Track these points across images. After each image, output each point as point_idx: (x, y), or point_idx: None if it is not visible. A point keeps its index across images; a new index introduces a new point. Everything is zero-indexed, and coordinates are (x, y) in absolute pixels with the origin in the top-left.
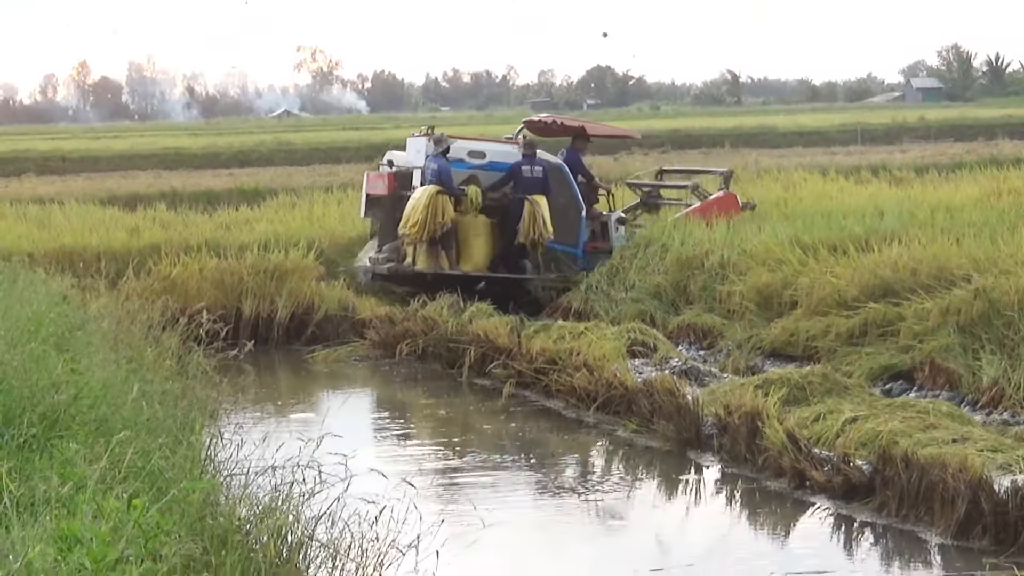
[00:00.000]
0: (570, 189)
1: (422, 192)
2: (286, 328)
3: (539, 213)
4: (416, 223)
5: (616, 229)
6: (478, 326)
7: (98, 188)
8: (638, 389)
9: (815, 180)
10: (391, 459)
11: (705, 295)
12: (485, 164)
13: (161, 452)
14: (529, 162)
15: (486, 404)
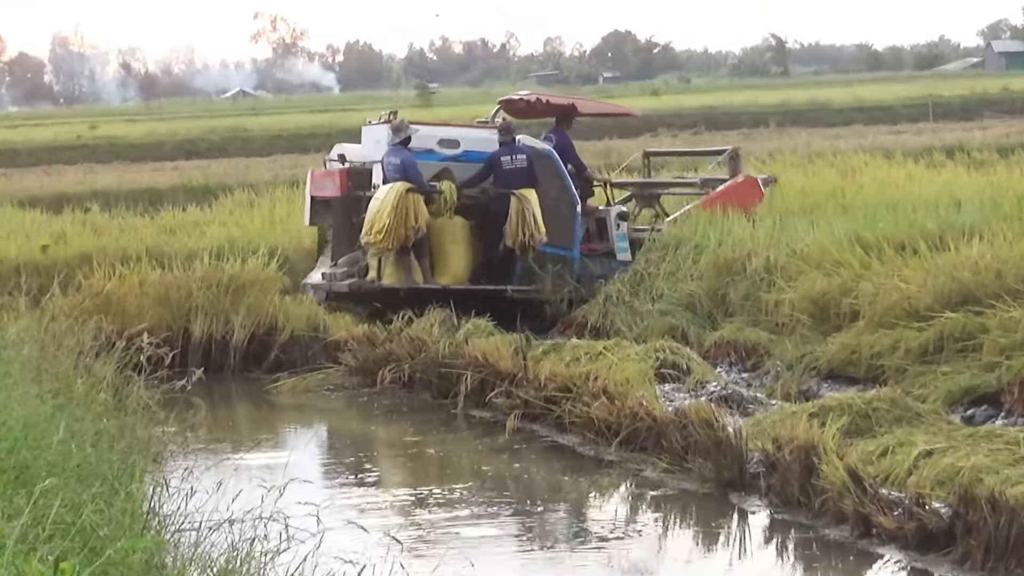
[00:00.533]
0: (561, 180)
1: (388, 191)
2: (244, 353)
3: (528, 210)
4: (383, 229)
5: (617, 226)
6: (475, 347)
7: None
8: (669, 420)
9: (878, 165)
10: (372, 509)
11: (748, 305)
12: (459, 155)
13: (95, 504)
14: (509, 150)
15: (486, 441)
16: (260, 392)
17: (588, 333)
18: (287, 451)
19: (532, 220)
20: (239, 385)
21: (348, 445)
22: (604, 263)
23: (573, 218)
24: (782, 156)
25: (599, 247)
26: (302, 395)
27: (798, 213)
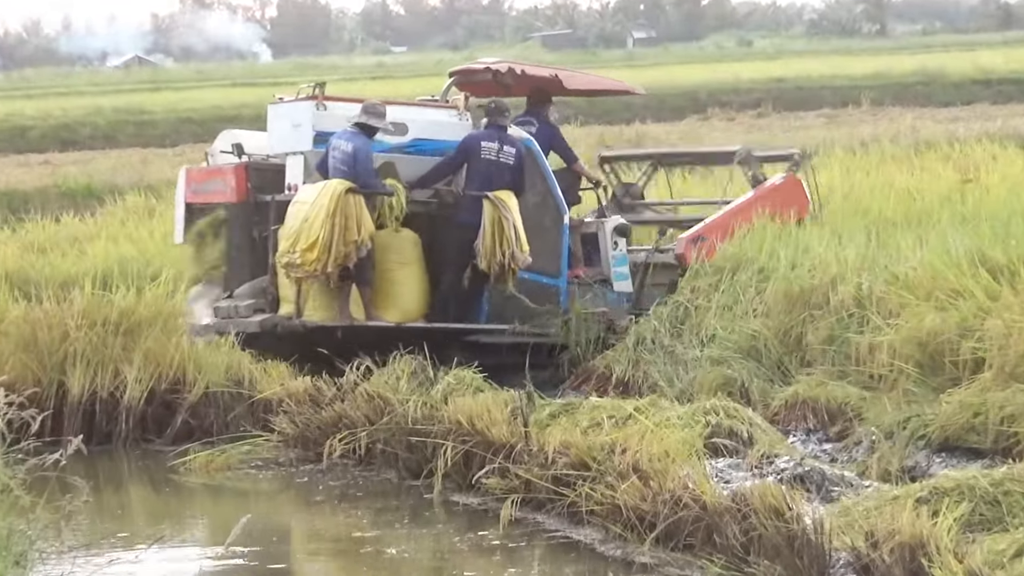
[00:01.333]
0: (544, 181)
1: (320, 193)
2: (141, 416)
3: (509, 219)
4: (314, 245)
5: (614, 245)
6: (458, 409)
7: None
8: (724, 508)
9: (1010, 158)
10: None
11: (832, 351)
12: (407, 144)
13: None
14: (495, 136)
15: (474, 536)
16: (162, 469)
17: (613, 389)
18: (197, 552)
19: (513, 234)
20: (134, 459)
21: (281, 544)
22: (598, 295)
23: (559, 233)
24: (879, 145)
25: (588, 273)
26: (220, 474)
27: (901, 224)
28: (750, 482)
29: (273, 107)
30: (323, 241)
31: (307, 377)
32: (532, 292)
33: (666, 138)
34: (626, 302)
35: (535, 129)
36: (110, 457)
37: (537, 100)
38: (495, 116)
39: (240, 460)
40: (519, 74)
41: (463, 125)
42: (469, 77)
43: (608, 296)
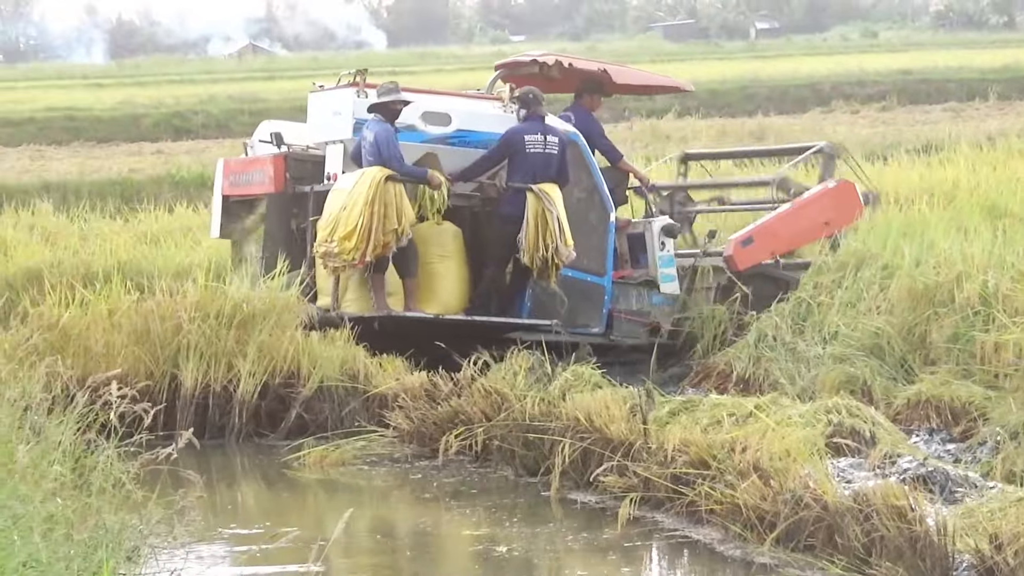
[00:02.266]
0: (590, 176)
1: (359, 180)
2: (254, 410)
3: (553, 212)
4: (352, 233)
5: (662, 246)
6: (576, 405)
7: None
8: (845, 508)
9: None
10: None
11: (957, 350)
12: (450, 135)
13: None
14: (538, 128)
15: (590, 535)
16: (275, 465)
17: (734, 386)
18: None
19: (557, 228)
20: (247, 454)
21: (397, 540)
22: (643, 295)
23: (605, 230)
24: (1006, 140)
25: (633, 274)
26: (334, 469)
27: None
28: (872, 482)
29: (314, 95)
30: (362, 229)
31: (423, 372)
32: (576, 290)
33: (788, 131)
34: (673, 304)
35: (573, 123)
36: (223, 452)
37: (581, 95)
38: (534, 106)
39: (354, 456)
40: (566, 67)
41: (507, 117)
42: (515, 70)
43: (654, 298)
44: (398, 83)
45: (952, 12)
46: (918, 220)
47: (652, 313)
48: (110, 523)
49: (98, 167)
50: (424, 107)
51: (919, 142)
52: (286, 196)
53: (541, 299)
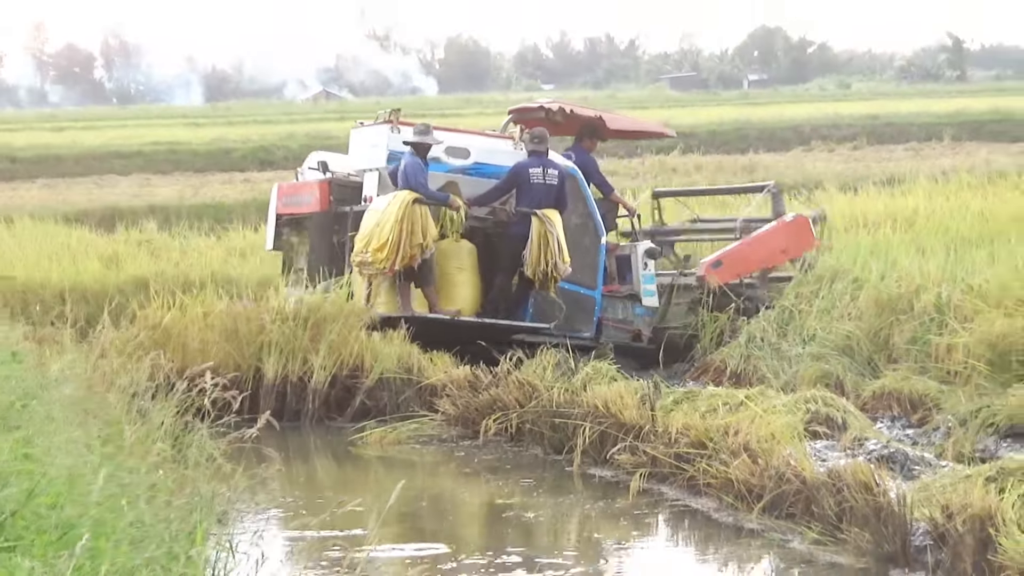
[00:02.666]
0: (586, 204)
1: (391, 201)
2: (325, 397)
3: (553, 234)
4: (384, 245)
5: (644, 265)
6: (595, 395)
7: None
8: (821, 483)
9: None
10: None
11: (915, 350)
12: (469, 167)
13: (149, 570)
14: (540, 162)
15: (606, 504)
16: (343, 443)
17: (727, 380)
18: (372, 513)
19: (557, 247)
20: (318, 435)
21: (444, 506)
22: (627, 307)
23: (597, 250)
24: (957, 175)
25: (619, 290)
26: (391, 447)
27: (976, 242)
28: (843, 461)
29: (355, 131)
30: (392, 242)
31: (467, 366)
32: (572, 300)
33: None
34: (652, 315)
35: (573, 160)
36: (298, 432)
37: (581, 137)
38: (536, 144)
39: (408, 436)
40: (568, 113)
41: (517, 153)
42: (525, 114)
43: (636, 310)
44: (430, 125)
45: (913, 67)
46: (883, 241)
47: (635, 322)
48: (203, 491)
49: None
50: (447, 142)
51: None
52: (329, 215)
53: (542, 306)
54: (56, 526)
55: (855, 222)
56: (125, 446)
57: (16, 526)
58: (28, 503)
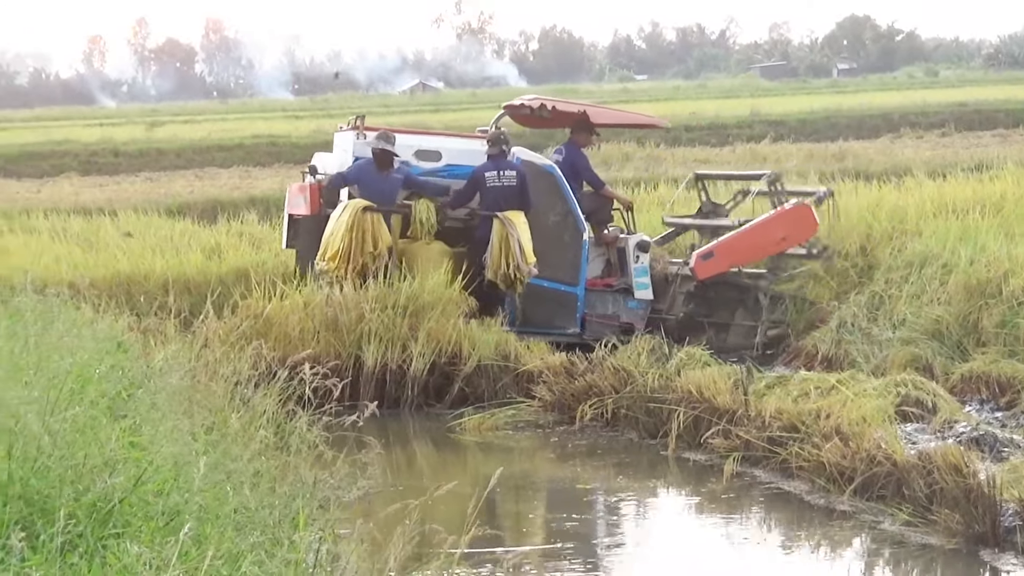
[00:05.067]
0: (564, 202)
1: (344, 210)
2: (424, 384)
3: (514, 236)
4: (336, 254)
5: (636, 258)
6: (689, 380)
7: (163, 192)
8: (911, 465)
9: None
10: (567, 565)
11: (1004, 334)
12: (440, 169)
13: (254, 555)
14: (496, 165)
15: (701, 487)
16: (442, 429)
17: (819, 364)
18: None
19: (517, 249)
20: (418, 421)
21: (541, 490)
22: (618, 301)
23: (578, 247)
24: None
25: (616, 283)
26: (489, 433)
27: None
28: (934, 444)
29: (336, 134)
30: (343, 251)
31: (563, 353)
32: (553, 298)
33: (863, 153)
34: (645, 308)
35: (562, 157)
36: (398, 419)
37: (575, 131)
38: (492, 148)
39: (506, 422)
40: (551, 109)
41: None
42: (515, 111)
43: (629, 303)
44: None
45: (1001, 54)
46: (972, 227)
47: (624, 316)
48: (306, 478)
49: None
50: (417, 145)
51: (973, 162)
52: (319, 218)
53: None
54: (163, 512)
55: (944, 208)
56: (229, 434)
57: (124, 513)
58: (135, 490)
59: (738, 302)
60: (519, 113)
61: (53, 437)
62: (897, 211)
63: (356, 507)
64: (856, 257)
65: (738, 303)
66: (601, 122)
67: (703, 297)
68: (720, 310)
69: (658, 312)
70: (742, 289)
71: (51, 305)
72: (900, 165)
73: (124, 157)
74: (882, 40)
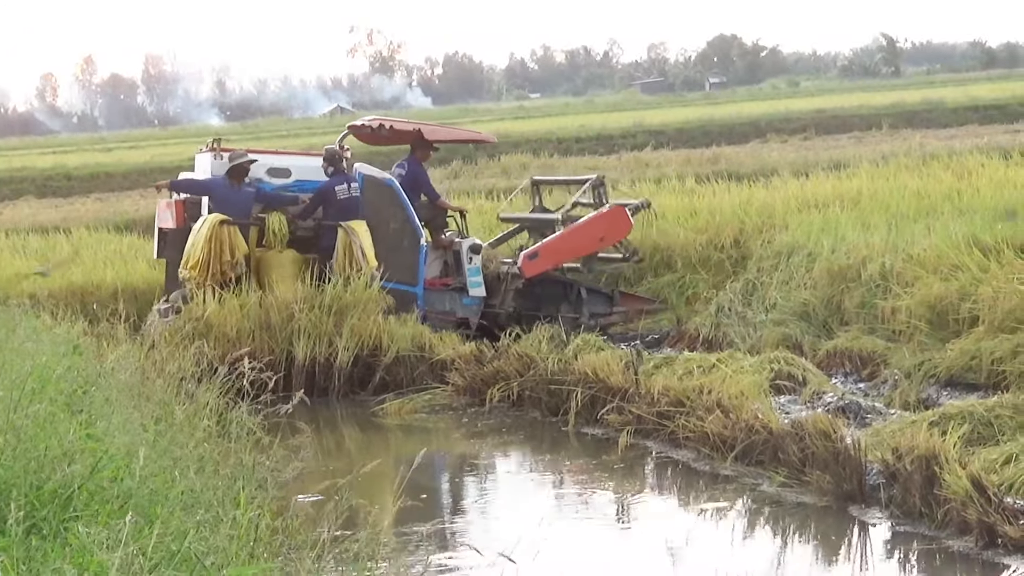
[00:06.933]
0: (402, 210)
1: (203, 223)
2: (348, 375)
3: (356, 243)
4: (196, 264)
5: (469, 259)
6: (585, 363)
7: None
8: (785, 432)
9: (995, 166)
10: (483, 530)
11: (864, 313)
12: (291, 184)
13: (200, 532)
14: (343, 180)
15: (598, 458)
16: (366, 414)
17: (700, 346)
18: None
19: (360, 254)
20: (344, 408)
21: (456, 465)
22: (455, 299)
23: (416, 251)
24: (896, 158)
25: (454, 282)
26: (409, 416)
27: (913, 217)
28: (804, 413)
29: (197, 155)
30: (202, 261)
31: (472, 342)
32: (397, 297)
33: (735, 157)
34: (479, 304)
35: (405, 171)
36: (327, 406)
37: (414, 148)
38: (333, 164)
39: (423, 406)
40: (388, 128)
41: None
42: (358, 130)
43: (464, 300)
44: (244, 151)
45: (854, 65)
46: (832, 219)
47: (461, 311)
48: (245, 461)
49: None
50: (269, 164)
51: (832, 162)
52: (184, 230)
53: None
54: (117, 496)
55: (807, 203)
56: (175, 424)
57: (82, 498)
58: (92, 477)
59: (562, 297)
60: (361, 132)
61: (16, 431)
62: (766, 207)
63: (291, 486)
64: (731, 249)
65: (562, 298)
66: (435, 139)
67: (531, 293)
68: (547, 304)
69: (491, 307)
70: (565, 285)
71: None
72: (767, 166)
73: (76, 180)
74: (748, 56)
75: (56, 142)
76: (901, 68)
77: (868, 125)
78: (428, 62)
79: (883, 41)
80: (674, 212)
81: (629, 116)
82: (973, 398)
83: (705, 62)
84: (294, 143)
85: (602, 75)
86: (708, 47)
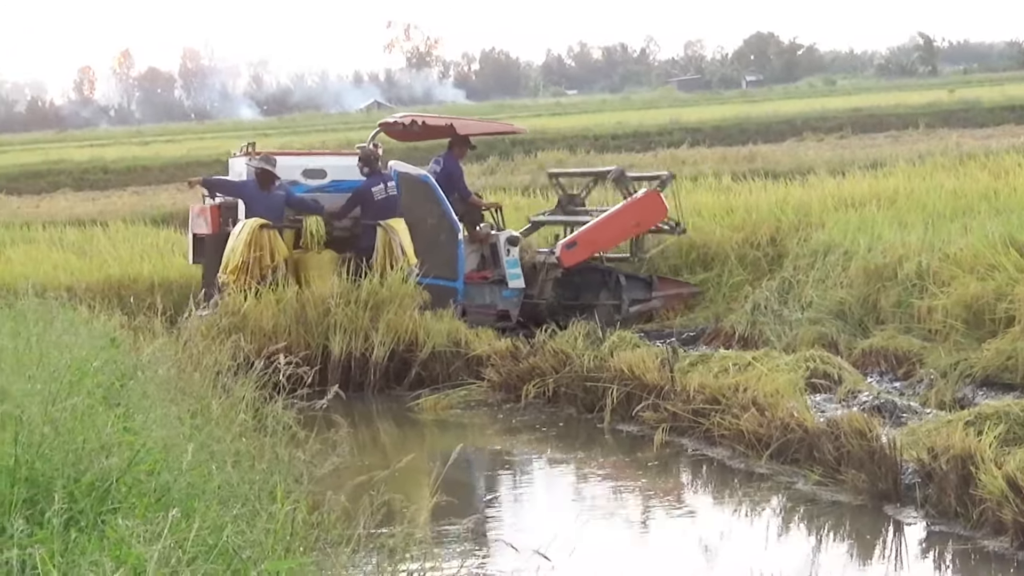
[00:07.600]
0: (439, 206)
1: (243, 227)
2: (384, 370)
3: (396, 240)
4: (236, 267)
5: (507, 252)
6: (621, 360)
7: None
8: (820, 431)
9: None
10: (518, 527)
11: (900, 312)
12: (327, 185)
13: (236, 525)
14: (381, 179)
15: (633, 456)
16: (401, 409)
17: (736, 343)
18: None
19: (400, 251)
20: (380, 403)
21: (492, 461)
22: (494, 291)
23: (454, 246)
24: (932, 158)
25: (492, 275)
26: (444, 412)
27: (950, 216)
28: (840, 412)
29: (231, 158)
30: (242, 265)
31: (508, 338)
32: (435, 293)
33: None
34: (519, 296)
35: (440, 168)
36: (362, 401)
37: (451, 144)
38: (369, 165)
39: (458, 401)
40: (421, 124)
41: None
42: (390, 127)
43: (504, 293)
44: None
45: (891, 64)
46: (869, 218)
47: (502, 304)
48: (281, 455)
49: None
50: (304, 165)
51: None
52: (221, 235)
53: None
54: (154, 490)
55: (843, 202)
56: (212, 418)
57: (120, 491)
58: (130, 470)
59: (601, 284)
60: (393, 129)
61: (54, 425)
62: (802, 206)
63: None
64: (767, 247)
65: (601, 285)
66: (468, 132)
67: (570, 282)
68: (586, 292)
69: (530, 298)
70: (604, 273)
71: (50, 307)
72: (804, 165)
73: (113, 174)
74: (785, 54)
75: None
76: (938, 67)
77: (905, 124)
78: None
79: (920, 40)
80: (710, 210)
81: (665, 113)
82: (1009, 398)
83: (742, 60)
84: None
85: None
86: (745, 45)
